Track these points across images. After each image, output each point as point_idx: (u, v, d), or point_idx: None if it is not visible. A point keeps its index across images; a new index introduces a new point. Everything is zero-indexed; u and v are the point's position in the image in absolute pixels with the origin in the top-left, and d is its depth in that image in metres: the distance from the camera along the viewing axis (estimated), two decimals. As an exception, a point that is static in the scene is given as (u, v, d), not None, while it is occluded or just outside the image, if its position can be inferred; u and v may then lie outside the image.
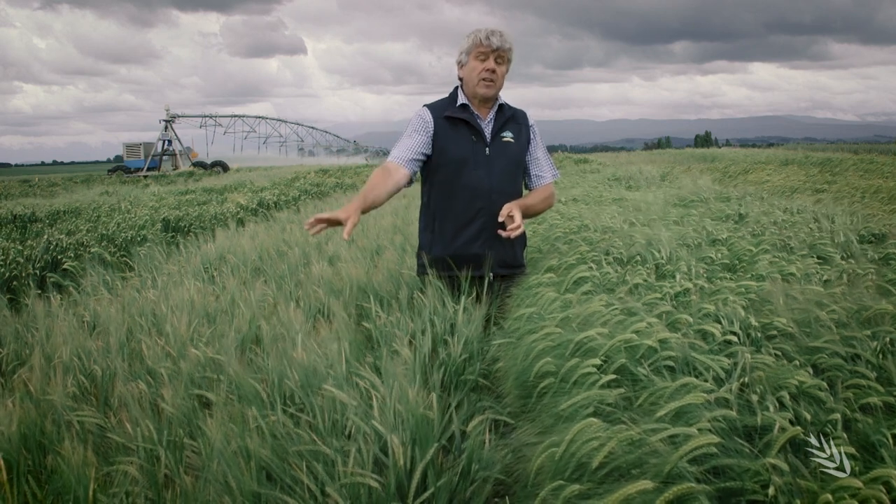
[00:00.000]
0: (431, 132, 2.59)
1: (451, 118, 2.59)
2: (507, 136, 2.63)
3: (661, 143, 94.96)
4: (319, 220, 2.20)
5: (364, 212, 2.32)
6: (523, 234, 2.73)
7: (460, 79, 2.64)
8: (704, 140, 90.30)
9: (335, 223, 2.22)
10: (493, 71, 2.52)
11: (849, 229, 3.35)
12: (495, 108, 2.63)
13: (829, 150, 28.07)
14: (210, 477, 1.46)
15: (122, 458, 1.63)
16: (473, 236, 2.57)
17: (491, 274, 2.57)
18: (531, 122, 2.72)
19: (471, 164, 2.57)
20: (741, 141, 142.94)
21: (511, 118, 2.66)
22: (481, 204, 2.55)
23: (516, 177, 2.67)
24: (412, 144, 2.57)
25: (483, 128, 2.60)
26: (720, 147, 58.80)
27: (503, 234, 2.40)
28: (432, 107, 2.64)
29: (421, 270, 2.65)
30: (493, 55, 2.52)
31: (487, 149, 2.59)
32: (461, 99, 2.61)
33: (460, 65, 2.61)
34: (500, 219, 2.42)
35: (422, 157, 2.59)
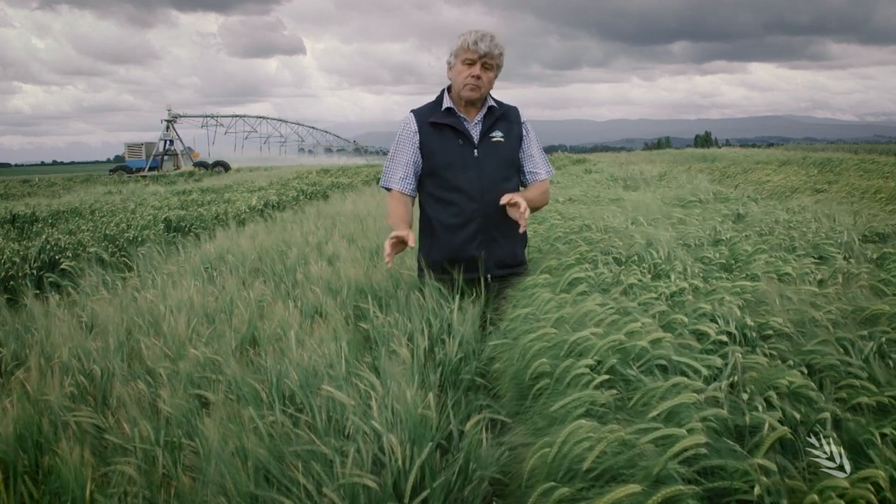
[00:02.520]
0: (418, 142, 2.60)
1: (436, 124, 2.59)
2: (497, 135, 2.61)
3: (661, 143, 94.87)
4: (393, 246, 2.37)
5: None
6: (524, 233, 2.73)
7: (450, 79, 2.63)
8: (704, 140, 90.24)
9: (401, 241, 2.39)
10: (479, 77, 2.51)
11: (851, 229, 3.34)
12: (484, 109, 2.61)
13: (829, 150, 28.04)
14: (206, 478, 1.47)
15: (119, 459, 1.63)
16: (469, 238, 2.56)
17: (489, 275, 2.56)
18: (523, 119, 2.70)
19: (458, 167, 2.56)
20: (741, 141, 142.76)
21: (501, 117, 2.64)
22: (474, 206, 2.55)
23: (510, 176, 2.65)
24: (404, 165, 2.61)
25: (470, 130, 2.59)
26: (720, 147, 58.62)
27: (521, 225, 2.40)
28: (418, 112, 2.64)
29: (420, 273, 2.65)
30: (479, 61, 2.50)
31: (476, 150, 2.58)
32: (446, 102, 2.60)
33: (449, 66, 2.60)
34: (503, 202, 2.41)
35: (416, 174, 2.63)
